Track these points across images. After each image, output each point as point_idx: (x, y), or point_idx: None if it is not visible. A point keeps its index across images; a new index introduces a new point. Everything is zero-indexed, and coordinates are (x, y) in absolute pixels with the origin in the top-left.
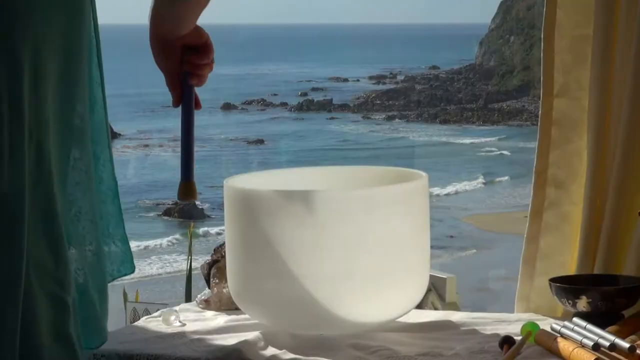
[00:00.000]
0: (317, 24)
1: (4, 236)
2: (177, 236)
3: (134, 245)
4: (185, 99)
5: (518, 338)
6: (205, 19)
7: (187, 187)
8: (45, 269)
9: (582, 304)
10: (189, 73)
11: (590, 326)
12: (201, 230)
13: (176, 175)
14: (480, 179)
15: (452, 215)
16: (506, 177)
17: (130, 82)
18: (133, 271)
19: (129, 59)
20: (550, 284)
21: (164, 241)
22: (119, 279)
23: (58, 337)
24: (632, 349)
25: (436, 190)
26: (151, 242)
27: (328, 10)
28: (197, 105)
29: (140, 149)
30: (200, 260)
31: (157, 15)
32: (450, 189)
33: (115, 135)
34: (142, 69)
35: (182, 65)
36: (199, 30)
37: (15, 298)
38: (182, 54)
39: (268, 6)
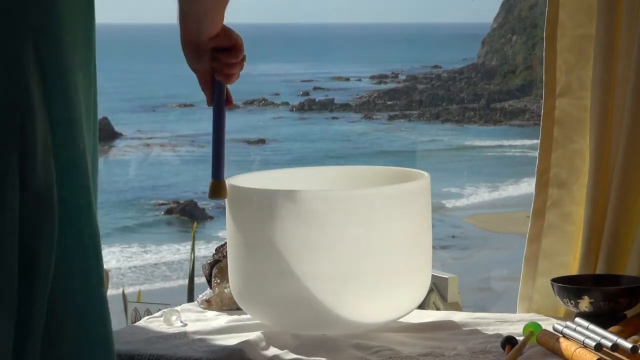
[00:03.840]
0: (318, 24)
1: (38, 230)
2: (179, 236)
3: (134, 244)
4: (216, 98)
5: (520, 338)
6: None
7: (217, 185)
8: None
9: (584, 304)
10: (219, 71)
11: (592, 326)
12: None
13: (177, 175)
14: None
15: (454, 215)
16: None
17: (131, 81)
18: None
19: (130, 58)
20: (552, 284)
21: (165, 241)
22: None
23: (99, 337)
24: (634, 349)
25: (449, 203)
26: (151, 243)
27: (330, 10)
28: (229, 102)
29: (141, 148)
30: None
31: (182, 14)
32: (464, 201)
33: (116, 135)
34: (143, 68)
35: (212, 64)
36: (228, 33)
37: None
38: (212, 54)
39: (270, 5)
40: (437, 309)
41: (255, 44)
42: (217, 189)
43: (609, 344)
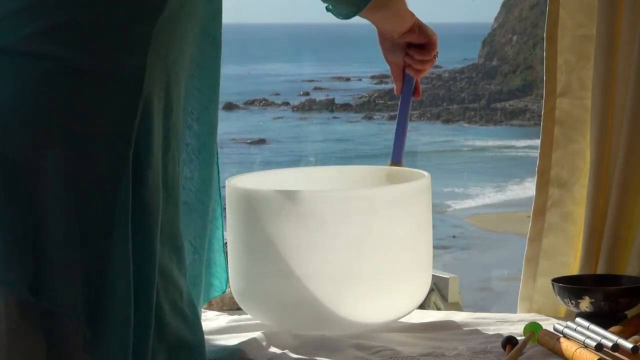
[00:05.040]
0: (319, 23)
1: (145, 242)
2: None
3: None
4: (405, 89)
5: (521, 338)
6: None
7: (396, 166)
8: (171, 277)
9: (585, 304)
10: (409, 66)
11: (593, 326)
12: None
13: None
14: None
15: (455, 215)
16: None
17: None
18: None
19: None
20: (552, 284)
21: None
22: None
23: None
24: (635, 349)
25: (454, 204)
26: None
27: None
28: (417, 94)
29: None
30: None
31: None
32: (469, 202)
33: None
34: None
35: (405, 59)
36: (423, 30)
37: (150, 303)
38: (406, 49)
39: (270, 5)
40: (438, 309)
41: (255, 44)
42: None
43: (610, 344)
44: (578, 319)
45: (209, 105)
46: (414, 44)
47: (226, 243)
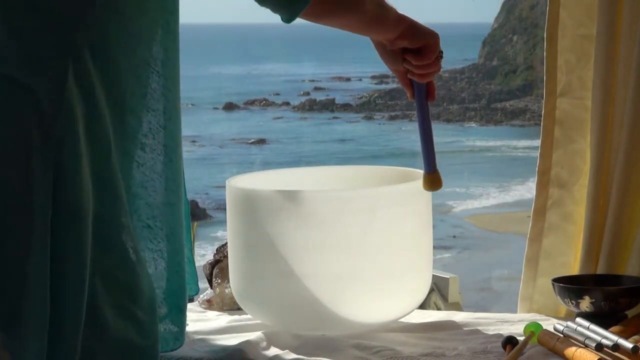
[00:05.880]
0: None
1: (71, 245)
2: None
3: None
4: (416, 94)
5: (521, 338)
6: (208, 19)
7: (432, 177)
8: (117, 280)
9: (585, 304)
10: (410, 71)
11: (593, 326)
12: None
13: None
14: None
15: (455, 215)
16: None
17: None
18: (197, 293)
19: None
20: (553, 284)
21: None
22: None
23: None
24: (635, 349)
25: (456, 205)
26: None
27: None
28: (431, 97)
29: None
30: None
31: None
32: (472, 203)
33: None
34: None
35: (404, 64)
36: (415, 34)
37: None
38: (403, 55)
39: None
40: (438, 309)
41: (256, 44)
42: (434, 180)
43: (610, 344)
44: (578, 319)
45: (177, 103)
46: (409, 49)
47: (226, 243)
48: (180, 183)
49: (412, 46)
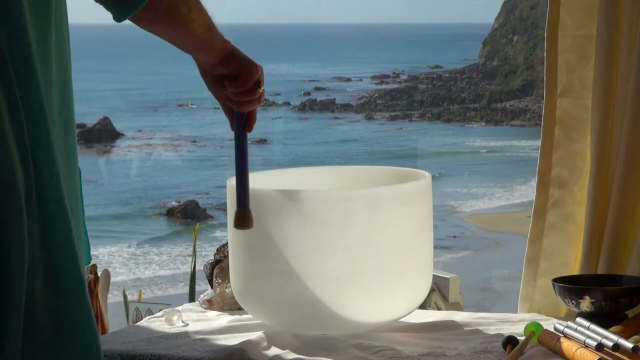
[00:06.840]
0: (320, 24)
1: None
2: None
3: (135, 245)
4: (235, 125)
5: (521, 338)
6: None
7: (242, 214)
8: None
9: (586, 304)
10: (229, 98)
11: (593, 326)
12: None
13: (178, 175)
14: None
15: (455, 215)
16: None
17: (133, 81)
18: (89, 263)
19: (131, 58)
20: (553, 284)
21: (166, 241)
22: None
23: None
24: (635, 349)
25: (457, 205)
26: (153, 242)
27: (331, 10)
28: (247, 128)
29: (142, 148)
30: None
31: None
32: (474, 203)
33: (117, 135)
34: (145, 68)
35: (223, 91)
36: (233, 61)
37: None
38: (223, 82)
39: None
40: (439, 308)
41: (256, 44)
42: (244, 218)
43: (610, 343)
44: (579, 319)
45: (70, 103)
46: (228, 75)
47: (227, 243)
48: (76, 174)
49: (229, 73)
